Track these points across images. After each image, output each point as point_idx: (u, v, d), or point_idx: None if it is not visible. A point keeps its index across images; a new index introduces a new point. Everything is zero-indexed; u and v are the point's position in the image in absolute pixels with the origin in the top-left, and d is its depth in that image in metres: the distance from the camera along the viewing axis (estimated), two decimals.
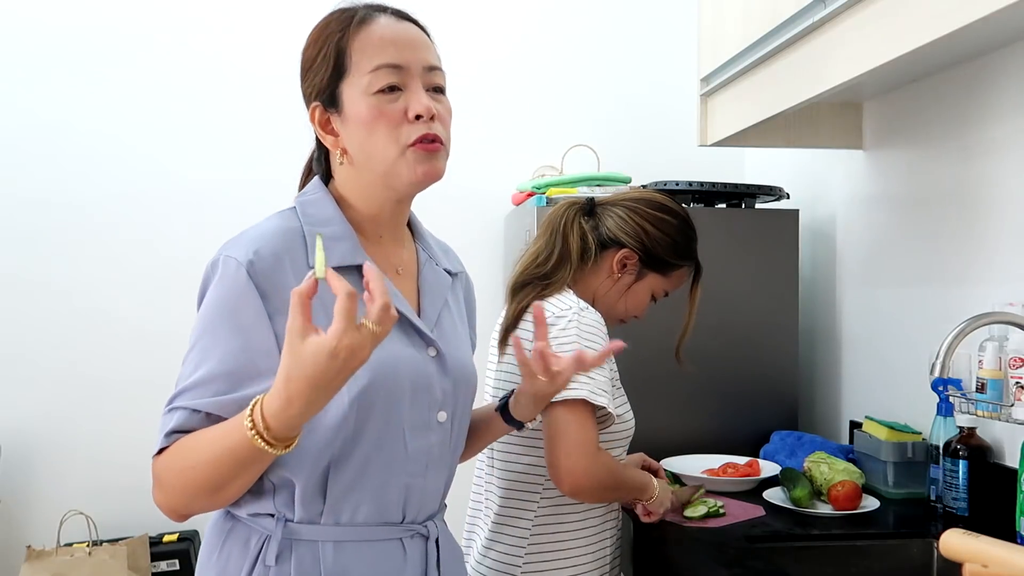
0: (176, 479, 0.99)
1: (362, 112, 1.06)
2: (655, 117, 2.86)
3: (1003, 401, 1.48)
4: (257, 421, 0.91)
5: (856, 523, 1.61)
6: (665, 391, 2.07)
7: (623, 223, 1.52)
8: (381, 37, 1.07)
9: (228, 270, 1.03)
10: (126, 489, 2.67)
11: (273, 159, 2.73)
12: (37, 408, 2.65)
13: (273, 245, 1.04)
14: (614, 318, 1.54)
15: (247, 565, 1.04)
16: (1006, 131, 1.62)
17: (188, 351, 1.04)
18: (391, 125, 1.06)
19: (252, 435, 0.91)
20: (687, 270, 1.58)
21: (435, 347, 1.12)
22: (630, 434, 1.55)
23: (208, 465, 0.96)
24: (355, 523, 1.06)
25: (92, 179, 2.69)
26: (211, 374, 1.00)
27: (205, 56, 2.73)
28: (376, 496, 1.07)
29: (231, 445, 0.94)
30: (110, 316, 2.68)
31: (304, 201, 1.12)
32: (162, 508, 1.02)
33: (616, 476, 1.43)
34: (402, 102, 1.06)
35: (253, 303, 1.01)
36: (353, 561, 1.05)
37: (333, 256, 1.04)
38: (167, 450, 0.99)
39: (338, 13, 1.11)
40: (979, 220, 1.69)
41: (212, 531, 1.10)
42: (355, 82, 1.07)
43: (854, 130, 2.12)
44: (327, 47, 1.09)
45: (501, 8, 2.83)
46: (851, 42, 1.45)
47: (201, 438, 0.98)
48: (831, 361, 2.27)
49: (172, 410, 1.01)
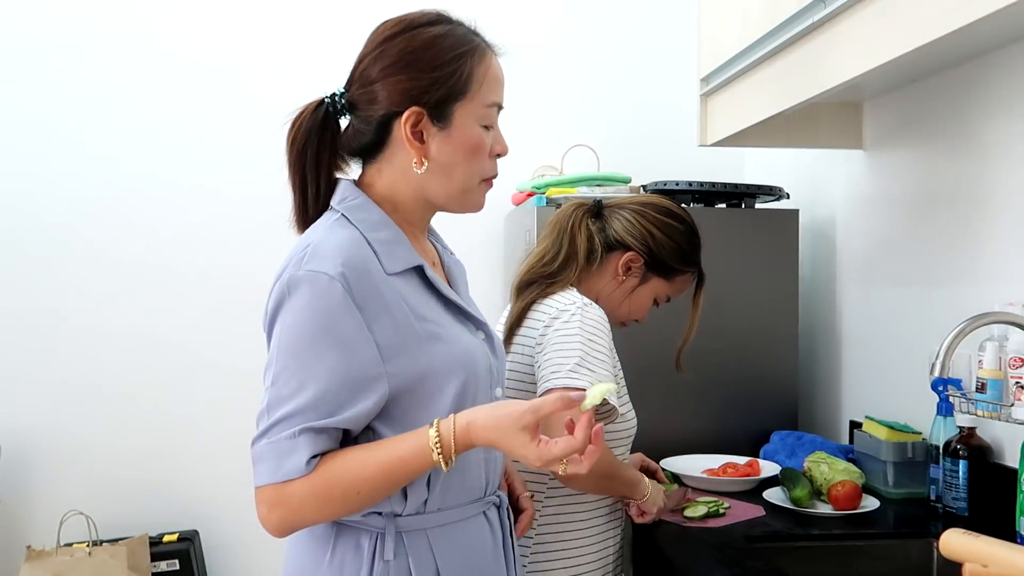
0: (332, 500, 1.00)
1: (472, 139, 1.12)
2: (655, 117, 2.86)
3: (1003, 401, 1.48)
4: (446, 439, 0.99)
5: (856, 523, 1.61)
6: (665, 391, 2.07)
7: (630, 226, 1.53)
8: (498, 76, 1.17)
9: (319, 285, 1.01)
10: (126, 489, 2.68)
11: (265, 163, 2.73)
12: (37, 408, 2.65)
13: (356, 256, 1.04)
14: (616, 321, 1.55)
15: (366, 565, 1.06)
16: (1006, 131, 1.62)
17: (279, 371, 1.02)
18: (483, 158, 1.15)
19: (435, 451, 0.99)
20: (690, 277, 1.60)
21: (483, 330, 1.19)
22: (632, 433, 1.55)
23: (372, 488, 1.01)
24: (451, 505, 1.11)
25: (92, 181, 2.69)
26: (324, 391, 1.00)
27: (193, 60, 2.72)
28: (467, 476, 1.12)
29: (404, 457, 1.01)
30: (110, 317, 2.68)
31: (351, 207, 1.11)
32: (283, 527, 1.02)
33: (611, 467, 1.44)
34: (490, 138, 1.15)
35: (352, 315, 1.01)
36: (457, 541, 1.10)
37: (396, 261, 1.08)
38: (310, 476, 0.99)
39: (463, 31, 1.14)
40: (979, 220, 1.69)
41: (313, 540, 1.10)
42: (472, 109, 1.12)
43: (854, 130, 2.12)
44: (459, 64, 1.11)
45: (501, 8, 2.83)
46: (851, 42, 1.45)
47: (365, 461, 1.01)
48: (831, 361, 2.27)
49: (292, 439, 0.99)
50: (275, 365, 1.02)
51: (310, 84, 1.32)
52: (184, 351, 2.71)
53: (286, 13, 2.75)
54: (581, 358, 1.36)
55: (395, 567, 1.06)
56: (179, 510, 2.69)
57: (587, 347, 1.38)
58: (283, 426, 0.99)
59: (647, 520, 1.53)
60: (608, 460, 1.42)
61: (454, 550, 1.10)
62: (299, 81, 1.22)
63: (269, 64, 2.72)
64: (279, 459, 0.99)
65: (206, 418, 2.72)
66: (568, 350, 1.37)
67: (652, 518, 1.54)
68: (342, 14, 2.73)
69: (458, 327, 1.12)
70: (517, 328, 1.49)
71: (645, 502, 1.51)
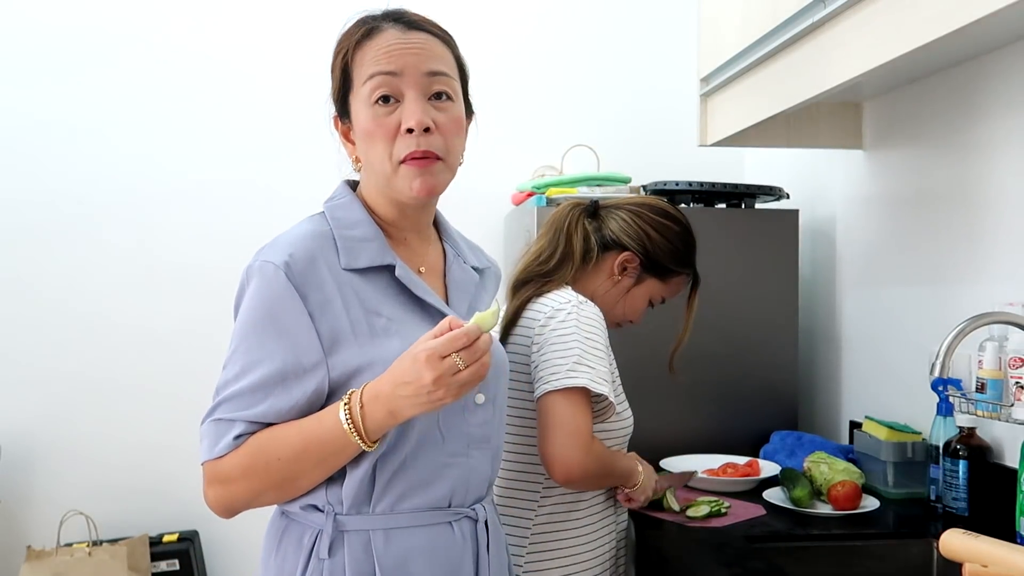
0: (255, 473, 1.03)
1: (362, 124, 1.10)
2: (655, 117, 2.86)
3: (1003, 401, 1.48)
4: (354, 404, 1.01)
5: (856, 523, 1.61)
6: (665, 391, 2.07)
7: (626, 226, 1.54)
8: (379, 47, 1.09)
9: (266, 274, 1.05)
10: (126, 489, 2.68)
11: (268, 159, 2.73)
12: (37, 408, 2.65)
13: (306, 248, 1.07)
14: (611, 321, 1.55)
15: (302, 561, 1.07)
16: (1006, 131, 1.62)
17: (229, 355, 1.07)
18: (386, 139, 1.08)
19: (348, 429, 1.00)
20: (685, 278, 1.60)
21: None
22: (629, 432, 1.55)
23: (293, 458, 1.02)
24: (403, 510, 1.09)
25: (91, 180, 2.69)
26: (262, 379, 1.04)
27: (199, 56, 2.72)
28: (422, 482, 1.10)
29: (322, 421, 1.02)
30: (109, 316, 2.68)
31: (333, 205, 1.16)
32: (218, 505, 1.07)
33: (606, 466, 1.44)
34: (397, 114, 1.08)
35: (294, 304, 1.04)
36: (405, 547, 1.08)
37: (362, 257, 1.10)
38: (238, 450, 1.04)
39: (353, 26, 1.14)
40: (979, 220, 1.69)
41: (269, 532, 1.15)
42: (358, 93, 1.10)
43: (854, 130, 2.12)
44: (338, 58, 1.13)
45: (501, 8, 2.83)
46: (851, 42, 1.45)
47: (287, 432, 1.03)
48: (831, 361, 2.27)
49: (230, 421, 1.04)
50: (228, 349, 1.07)
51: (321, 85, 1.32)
52: (184, 351, 2.70)
53: (290, 14, 2.75)
54: (580, 356, 1.36)
55: (329, 566, 1.06)
56: (179, 510, 2.69)
57: (584, 345, 1.38)
58: (223, 409, 1.05)
59: (632, 507, 1.55)
60: (602, 460, 1.41)
61: (399, 556, 1.07)
62: (322, 81, 1.21)
63: (275, 61, 2.73)
64: (216, 437, 1.04)
65: None
66: (566, 349, 1.37)
67: (639, 505, 1.54)
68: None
69: (424, 327, 1.07)
70: (512, 327, 1.49)
71: (635, 490, 1.51)
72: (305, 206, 1.27)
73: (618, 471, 1.48)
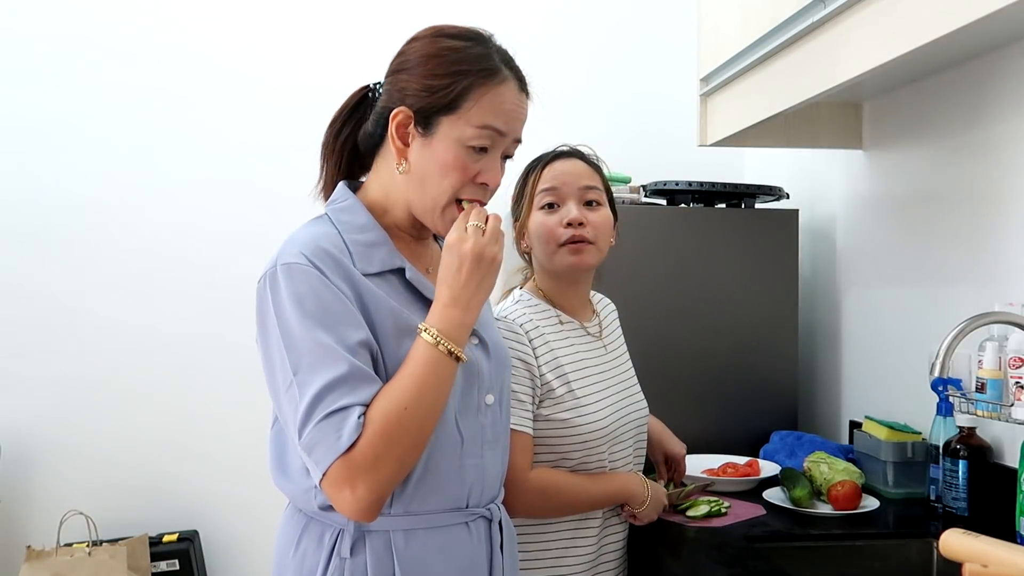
0: (395, 437, 1.00)
1: (448, 155, 1.10)
2: (655, 117, 2.86)
3: (1003, 401, 1.48)
4: (436, 333, 1.04)
5: (856, 523, 1.61)
6: (665, 391, 2.07)
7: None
8: (503, 104, 1.12)
9: (295, 274, 1.04)
10: (126, 489, 2.68)
11: (269, 160, 2.73)
12: (37, 408, 2.65)
13: (322, 248, 1.07)
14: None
15: (323, 559, 1.08)
16: (1006, 131, 1.62)
17: (292, 363, 1.02)
18: (460, 178, 1.11)
19: (443, 346, 1.04)
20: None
21: (477, 335, 1.18)
22: (598, 434, 1.47)
23: (416, 400, 1.02)
24: (423, 511, 1.10)
25: (90, 181, 2.68)
26: (346, 361, 1.01)
27: (199, 56, 2.72)
28: (441, 483, 1.11)
29: (420, 359, 1.04)
30: (110, 316, 2.68)
31: (337, 209, 1.16)
32: (370, 495, 1.00)
33: (566, 495, 1.41)
34: (479, 164, 1.12)
35: (333, 291, 1.04)
36: (424, 547, 1.09)
37: (375, 261, 1.11)
38: (366, 429, 0.99)
39: (479, 51, 1.13)
40: (979, 220, 1.69)
41: (285, 530, 1.15)
42: (458, 126, 1.10)
43: (854, 130, 2.12)
44: (456, 81, 1.10)
45: (501, 8, 2.83)
46: (851, 42, 1.45)
47: (394, 386, 1.03)
48: (831, 361, 2.27)
49: (342, 410, 0.99)
50: (287, 361, 1.02)
51: (329, 86, 1.32)
52: (185, 351, 2.71)
53: (288, 15, 2.75)
54: None
55: (351, 565, 1.07)
56: (179, 510, 2.69)
57: None
58: (324, 406, 0.99)
59: (639, 523, 1.53)
60: (546, 492, 1.40)
61: (418, 556, 1.09)
62: (320, 80, 1.21)
63: (273, 62, 2.73)
64: (336, 431, 0.98)
65: (207, 418, 2.72)
66: None
67: (646, 522, 1.53)
68: (369, 21, 2.74)
69: None
70: None
71: (642, 511, 1.50)
72: (305, 206, 1.27)
73: (599, 496, 1.45)
